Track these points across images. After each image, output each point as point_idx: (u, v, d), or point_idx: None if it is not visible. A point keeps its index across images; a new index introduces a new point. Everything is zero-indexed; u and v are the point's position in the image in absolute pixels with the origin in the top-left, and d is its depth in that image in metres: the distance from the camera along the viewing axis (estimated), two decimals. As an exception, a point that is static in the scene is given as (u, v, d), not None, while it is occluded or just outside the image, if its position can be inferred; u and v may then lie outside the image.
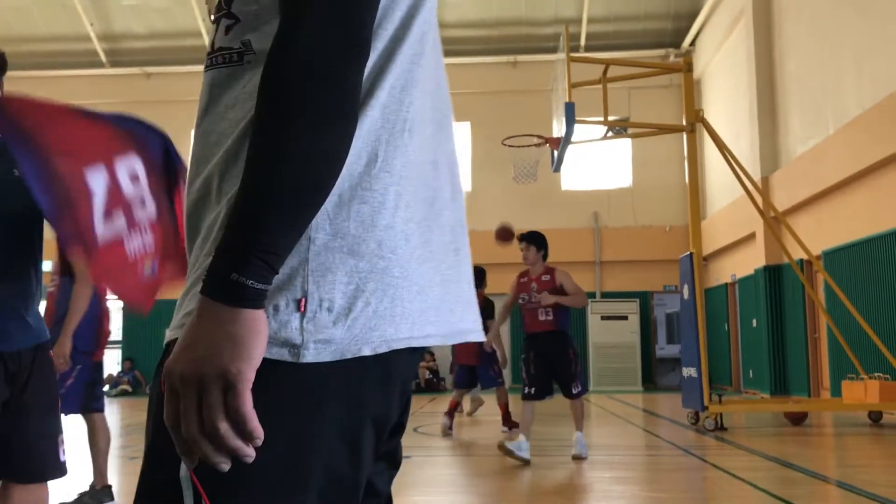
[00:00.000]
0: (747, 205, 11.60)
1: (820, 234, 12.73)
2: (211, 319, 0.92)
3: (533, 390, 7.08)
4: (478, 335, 1.19)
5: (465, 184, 20.38)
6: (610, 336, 18.60)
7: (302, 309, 0.99)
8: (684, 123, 10.10)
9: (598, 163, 19.83)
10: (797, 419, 9.71)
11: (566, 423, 10.77)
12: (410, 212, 1.08)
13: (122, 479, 6.56)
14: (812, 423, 9.98)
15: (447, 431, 9.08)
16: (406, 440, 5.36)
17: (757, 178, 14.38)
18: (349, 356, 1.01)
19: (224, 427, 0.90)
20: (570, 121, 9.35)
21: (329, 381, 1.02)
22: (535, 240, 7.20)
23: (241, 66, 1.08)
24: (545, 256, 7.21)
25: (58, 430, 2.96)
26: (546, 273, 7.09)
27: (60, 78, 20.82)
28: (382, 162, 1.05)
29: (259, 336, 0.92)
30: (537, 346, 7.05)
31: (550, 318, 6.99)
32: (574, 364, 7.00)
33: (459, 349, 9.45)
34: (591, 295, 19.56)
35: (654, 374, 19.31)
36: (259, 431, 0.91)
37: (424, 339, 1.08)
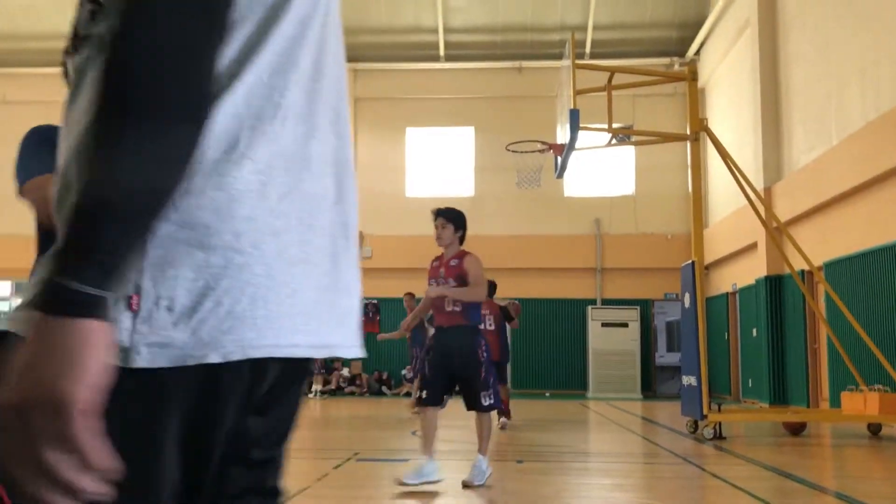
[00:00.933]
0: (749, 214, 11.61)
1: (822, 244, 12.73)
2: (38, 334, 0.77)
3: (425, 394, 5.98)
4: (349, 351, 1.08)
5: (468, 188, 20.42)
6: (610, 343, 18.59)
7: (134, 307, 0.88)
8: (688, 132, 10.12)
9: (601, 170, 19.85)
10: (796, 430, 9.71)
11: (567, 428, 10.78)
12: (282, 206, 0.97)
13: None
14: (811, 433, 9.97)
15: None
16: (404, 443, 5.38)
17: (760, 187, 14.39)
18: (192, 362, 0.89)
19: (51, 458, 0.75)
20: (575, 127, 9.37)
21: (168, 390, 0.90)
22: (452, 217, 6.09)
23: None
24: (462, 238, 6.11)
25: None
26: (457, 257, 6.00)
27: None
28: (245, 148, 0.94)
29: (95, 349, 0.78)
30: (441, 342, 5.94)
31: (458, 309, 5.85)
32: (485, 368, 5.83)
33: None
34: (592, 302, 19.58)
35: (653, 381, 19.30)
36: (105, 461, 0.78)
37: (291, 348, 0.96)
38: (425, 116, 20.62)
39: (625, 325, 18.73)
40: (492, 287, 11.46)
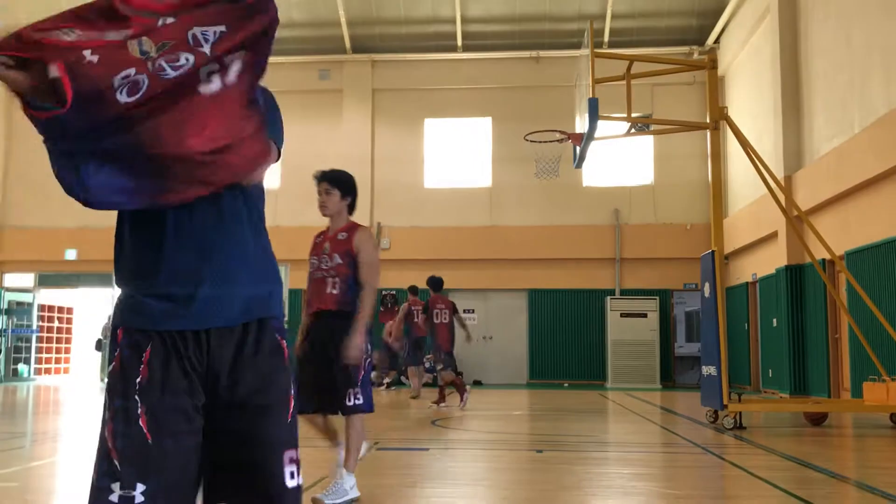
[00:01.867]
0: (770, 203, 11.53)
1: (843, 233, 12.63)
2: None
3: (301, 400, 4.54)
4: None
5: (486, 179, 20.40)
6: (629, 333, 18.56)
7: None
8: (708, 121, 10.05)
9: (619, 159, 19.77)
10: (817, 420, 9.66)
11: (586, 418, 10.80)
12: None
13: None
14: (832, 423, 9.92)
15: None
16: (423, 432, 5.43)
17: (780, 176, 14.29)
18: None
19: None
20: (594, 117, 9.34)
21: None
22: (339, 181, 4.92)
23: None
24: (352, 207, 4.95)
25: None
26: (345, 230, 4.89)
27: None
28: None
29: None
30: (315, 331, 4.81)
31: (337, 291, 4.74)
32: (359, 363, 4.65)
33: None
34: (611, 292, 19.54)
35: (672, 371, 19.25)
36: None
37: None
38: (443, 107, 20.61)
39: (644, 315, 18.68)
40: (438, 283, 13.16)
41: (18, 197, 20.99)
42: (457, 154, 20.65)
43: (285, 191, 20.58)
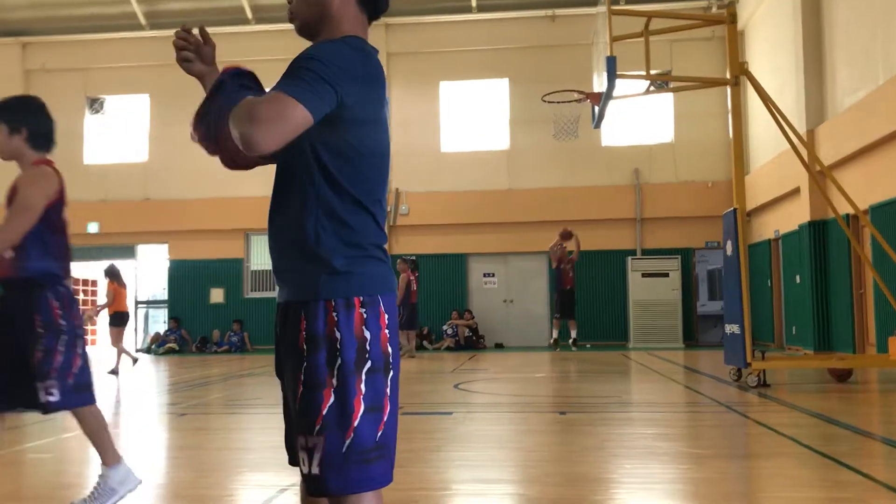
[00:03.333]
0: (792, 159, 11.37)
1: (867, 187, 12.45)
2: None
3: None
4: None
5: (503, 142, 20.25)
6: (651, 293, 18.50)
7: None
8: (728, 76, 9.89)
9: (639, 118, 19.55)
10: (842, 376, 9.61)
11: (609, 379, 10.82)
12: None
13: (172, 434, 6.74)
14: (857, 379, 9.87)
15: None
16: (446, 396, 5.43)
17: (802, 131, 14.07)
18: None
19: None
20: (612, 75, 9.21)
21: None
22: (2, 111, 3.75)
23: None
24: (34, 143, 3.80)
25: None
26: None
27: (99, 41, 21.02)
28: None
29: None
30: None
31: (10, 254, 3.53)
32: (46, 343, 3.54)
33: None
34: (632, 252, 19.44)
35: (695, 330, 19.20)
36: None
37: None
38: (459, 69, 20.42)
39: (665, 274, 18.59)
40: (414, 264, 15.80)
41: (39, 172, 21.12)
42: (474, 117, 20.50)
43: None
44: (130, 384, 11.91)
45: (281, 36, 20.72)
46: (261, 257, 21.03)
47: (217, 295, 20.59)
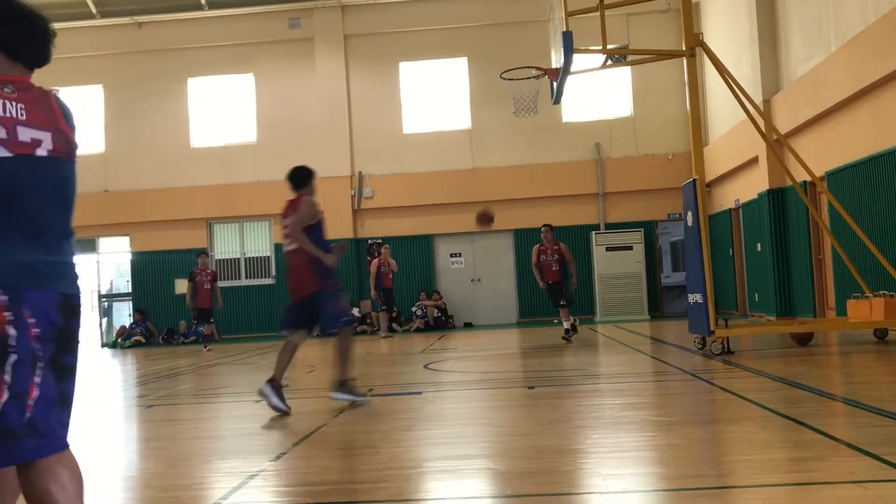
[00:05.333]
0: (749, 129, 11.51)
1: (823, 154, 12.65)
2: None
3: None
4: None
5: (465, 121, 20.21)
6: (615, 266, 18.68)
7: None
8: (684, 48, 9.96)
9: (598, 93, 19.63)
10: (803, 340, 9.81)
11: (577, 353, 10.93)
12: None
13: (141, 426, 6.68)
14: (818, 342, 10.08)
15: None
16: (416, 377, 5.47)
17: (759, 101, 14.23)
18: None
19: None
20: (569, 51, 9.22)
21: None
22: None
23: None
24: None
25: None
26: None
27: (50, 31, 20.53)
28: None
29: None
30: None
31: None
32: None
33: None
34: (595, 227, 19.58)
35: (660, 302, 19.44)
36: None
37: None
38: (417, 50, 20.31)
39: (629, 247, 18.77)
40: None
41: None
42: (435, 97, 20.43)
43: (263, 146, 20.37)
44: (97, 378, 11.77)
45: (234, 21, 20.44)
46: (225, 245, 20.84)
47: (182, 286, 20.37)
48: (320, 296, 6.44)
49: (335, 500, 3.63)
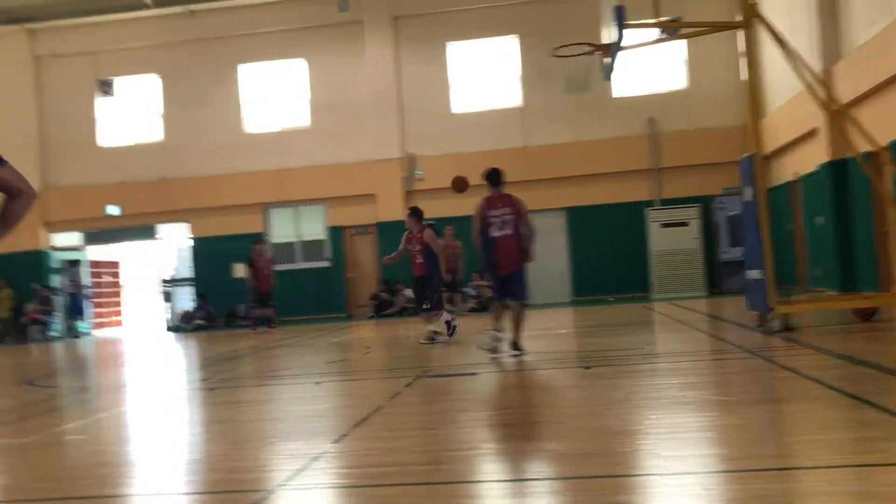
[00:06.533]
0: (808, 100, 11.19)
1: (887, 124, 12.24)
2: None
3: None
4: None
5: (515, 99, 20.07)
6: (671, 243, 18.44)
7: None
8: (739, 19, 9.71)
9: (650, 67, 19.28)
10: (866, 315, 9.55)
11: (633, 332, 10.85)
12: None
13: (204, 409, 6.86)
14: (882, 318, 9.81)
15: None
16: (470, 357, 5.52)
17: (818, 70, 13.82)
18: None
19: None
20: (621, 25, 9.07)
21: None
22: None
23: None
24: None
25: None
26: None
27: (106, 23, 20.96)
28: None
29: None
30: None
31: None
32: None
33: None
34: (650, 203, 19.32)
35: (718, 278, 19.13)
36: None
37: None
38: (467, 29, 20.19)
39: (685, 223, 18.50)
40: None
41: (57, 157, 21.27)
42: (484, 76, 20.32)
43: (316, 130, 20.54)
44: (162, 362, 12.10)
45: (284, 6, 20.57)
46: (281, 229, 21.12)
47: (240, 269, 20.75)
48: (521, 272, 8.56)
49: (397, 482, 3.68)
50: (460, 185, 11.13)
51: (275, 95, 20.96)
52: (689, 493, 3.21)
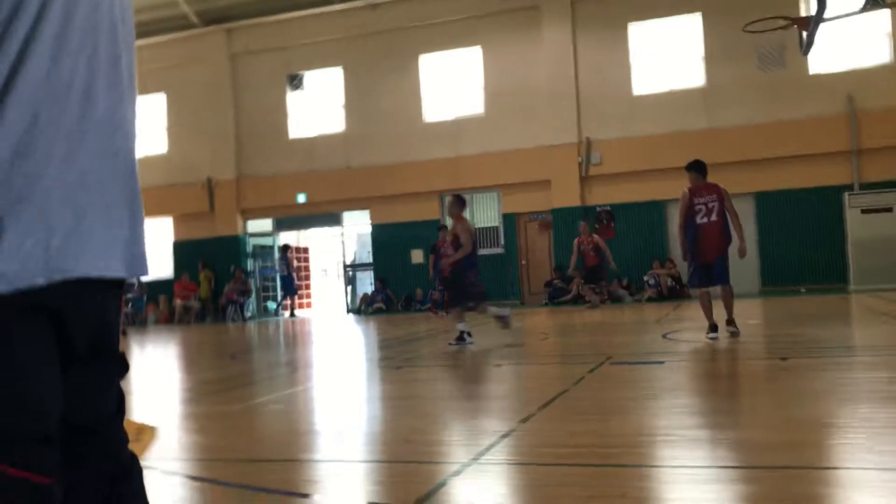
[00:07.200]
0: None
1: None
2: None
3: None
4: (112, 273, 1.45)
5: (698, 79, 19.27)
6: (873, 230, 17.08)
7: None
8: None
9: (850, 40, 17.89)
10: None
11: (829, 323, 10.16)
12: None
13: (392, 385, 7.08)
14: None
15: None
16: (655, 346, 5.37)
17: None
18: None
19: None
20: (821, -4, 8.48)
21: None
22: None
23: None
24: None
25: None
26: None
27: (295, 19, 22.07)
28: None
29: None
30: None
31: None
32: None
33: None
34: (849, 187, 17.98)
35: (926, 268, 17.52)
36: None
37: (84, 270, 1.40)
38: (648, 8, 19.57)
39: (889, 209, 17.06)
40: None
41: (251, 149, 22.72)
42: (665, 56, 19.64)
43: (491, 118, 20.67)
44: (346, 342, 12.65)
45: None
46: (457, 216, 21.44)
47: (417, 256, 21.30)
48: (724, 258, 8.92)
49: (588, 462, 3.64)
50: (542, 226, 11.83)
51: (451, 84, 21.29)
52: (915, 491, 2.95)
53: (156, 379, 8.60)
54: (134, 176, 1.52)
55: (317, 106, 22.47)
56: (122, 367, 1.56)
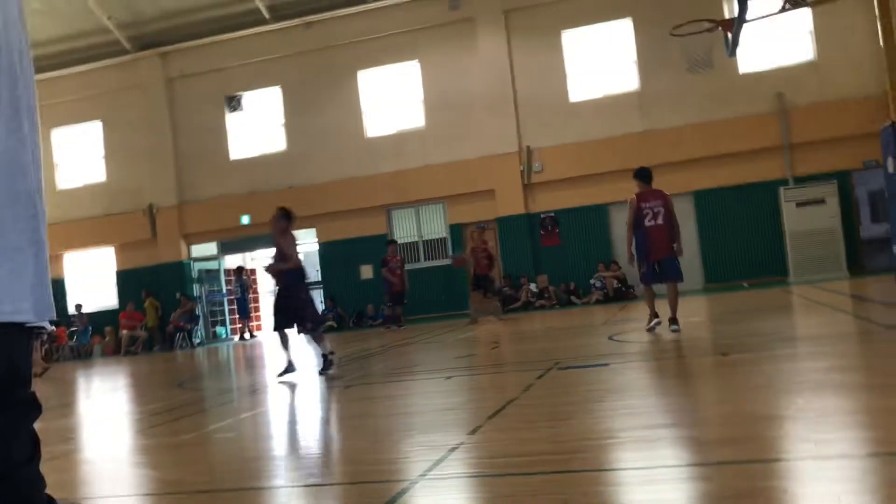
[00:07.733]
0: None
1: None
2: None
3: None
4: (23, 316, 1.46)
5: (633, 83, 19.65)
6: (807, 222, 17.59)
7: None
8: (872, -20, 9.15)
9: (776, 40, 18.43)
10: None
11: (771, 316, 10.41)
12: None
13: (341, 405, 7.05)
14: None
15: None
16: (601, 348, 5.44)
17: (964, 28, 12.86)
18: None
19: None
20: (742, -2, 8.73)
21: None
22: None
23: None
24: None
25: None
26: None
27: (230, 41, 21.91)
28: None
29: None
30: None
31: None
32: None
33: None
34: (783, 182, 18.49)
35: (860, 257, 18.10)
36: None
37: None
38: (580, 15, 19.92)
39: (822, 201, 17.60)
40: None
41: (192, 172, 22.43)
42: (599, 62, 19.99)
43: (431, 130, 20.76)
44: (297, 365, 12.52)
45: (396, 10, 20.87)
46: (403, 230, 21.49)
47: (367, 271, 21.25)
48: (673, 258, 9.48)
49: (537, 471, 3.68)
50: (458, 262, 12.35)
51: (391, 98, 21.34)
52: (845, 476, 3.05)
53: (103, 412, 8.42)
54: (37, 219, 1.51)
55: (257, 126, 22.32)
56: (35, 409, 1.54)
